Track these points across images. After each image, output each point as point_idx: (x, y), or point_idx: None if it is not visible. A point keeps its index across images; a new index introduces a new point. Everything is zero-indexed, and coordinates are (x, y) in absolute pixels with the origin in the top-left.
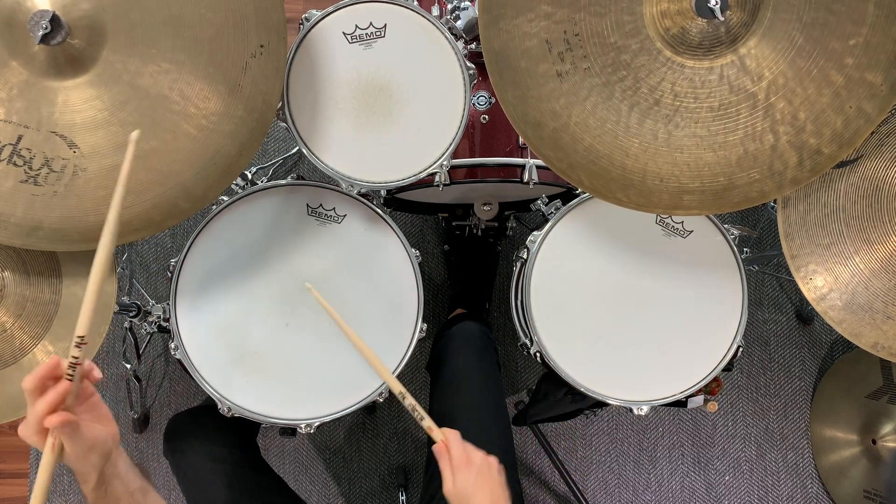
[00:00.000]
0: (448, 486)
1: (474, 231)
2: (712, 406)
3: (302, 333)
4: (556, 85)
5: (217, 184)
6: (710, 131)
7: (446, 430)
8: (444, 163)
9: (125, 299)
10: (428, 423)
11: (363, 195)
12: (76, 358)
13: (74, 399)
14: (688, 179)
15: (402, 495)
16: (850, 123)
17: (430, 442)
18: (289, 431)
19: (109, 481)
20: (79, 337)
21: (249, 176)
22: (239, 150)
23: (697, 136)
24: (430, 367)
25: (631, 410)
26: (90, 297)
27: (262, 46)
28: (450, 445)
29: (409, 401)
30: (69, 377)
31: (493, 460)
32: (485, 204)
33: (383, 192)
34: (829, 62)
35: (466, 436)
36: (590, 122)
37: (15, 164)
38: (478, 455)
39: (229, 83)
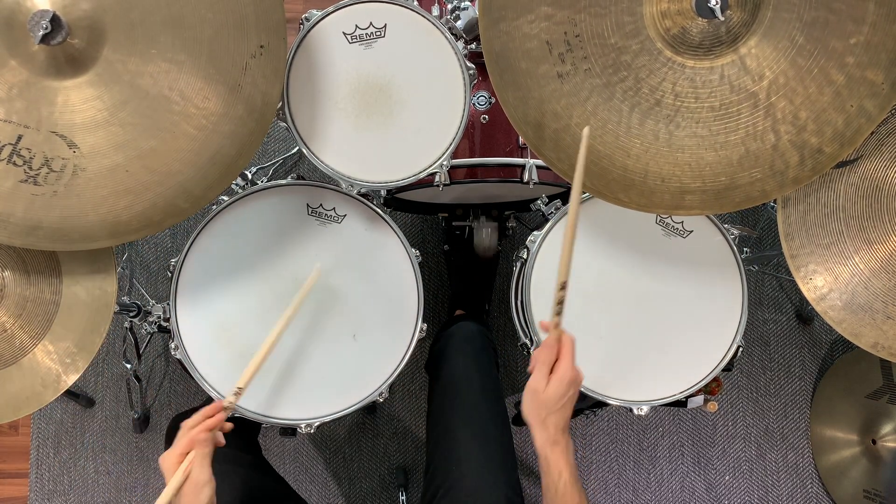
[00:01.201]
0: (538, 385)
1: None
2: (712, 406)
3: (302, 333)
4: (556, 86)
5: (217, 184)
6: (711, 131)
7: (567, 335)
8: (444, 163)
9: (125, 299)
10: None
11: (363, 195)
12: (231, 402)
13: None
14: (689, 179)
15: (402, 495)
16: (852, 122)
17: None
18: (289, 431)
19: None
20: (238, 388)
21: (249, 176)
22: (239, 150)
23: (698, 136)
24: (429, 367)
25: (631, 410)
26: (262, 354)
27: (262, 47)
28: (564, 349)
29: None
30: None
31: (578, 392)
32: (485, 230)
33: (383, 192)
34: (830, 61)
35: (466, 436)
36: (591, 122)
37: (15, 164)
38: (581, 377)
39: (229, 83)
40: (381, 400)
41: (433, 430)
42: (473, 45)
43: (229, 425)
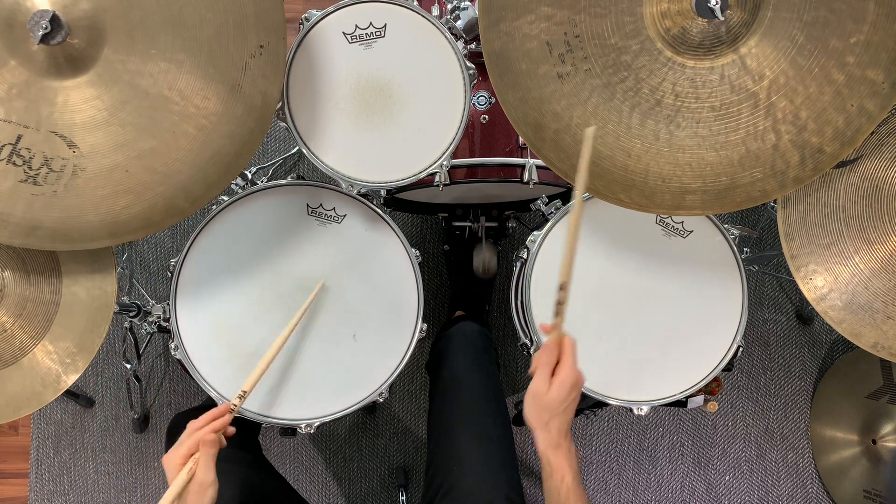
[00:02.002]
0: (540, 388)
1: (474, 231)
2: (712, 406)
3: (302, 333)
4: (557, 86)
5: (217, 184)
6: (711, 131)
7: (568, 337)
8: (444, 163)
9: (125, 299)
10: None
11: (363, 195)
12: (235, 406)
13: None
14: (690, 179)
15: (402, 495)
16: (852, 122)
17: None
18: (289, 431)
19: None
20: (243, 391)
21: (249, 176)
22: (238, 150)
23: (699, 136)
24: (429, 367)
25: (631, 410)
26: (267, 359)
27: (261, 47)
28: (566, 352)
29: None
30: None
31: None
32: (484, 259)
33: (383, 192)
34: (830, 60)
35: (466, 436)
36: (591, 123)
37: (14, 164)
38: (582, 379)
39: (229, 83)
40: (381, 400)
41: (434, 430)
42: (473, 45)
43: (233, 429)
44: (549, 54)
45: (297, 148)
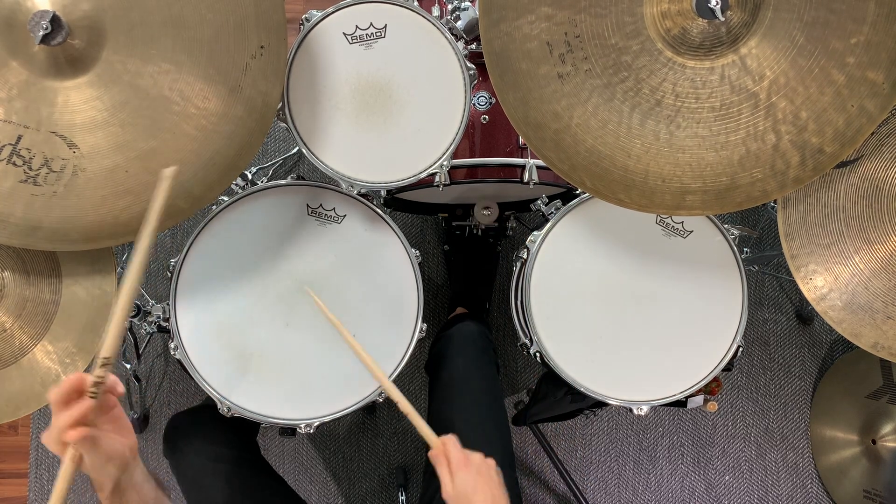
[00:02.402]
0: (447, 490)
1: (474, 231)
2: (712, 406)
3: (302, 333)
4: (557, 87)
5: (217, 184)
6: (711, 131)
7: (444, 436)
8: (444, 163)
9: None
10: (425, 429)
11: (363, 195)
12: (101, 377)
13: (97, 412)
14: (690, 179)
15: (402, 495)
16: (852, 122)
17: (428, 448)
18: (289, 431)
19: (125, 491)
20: (104, 358)
21: (249, 176)
22: (238, 150)
23: (699, 137)
24: (429, 367)
25: (631, 410)
26: (118, 319)
27: (262, 47)
28: (448, 449)
29: (405, 407)
30: (93, 395)
31: (491, 462)
32: (485, 208)
33: (383, 192)
34: (831, 61)
35: (466, 436)
36: (591, 123)
37: (14, 164)
38: (476, 456)
39: (229, 84)
40: (381, 400)
41: (433, 430)
42: (473, 46)
43: (113, 378)
44: (549, 54)
45: (297, 148)
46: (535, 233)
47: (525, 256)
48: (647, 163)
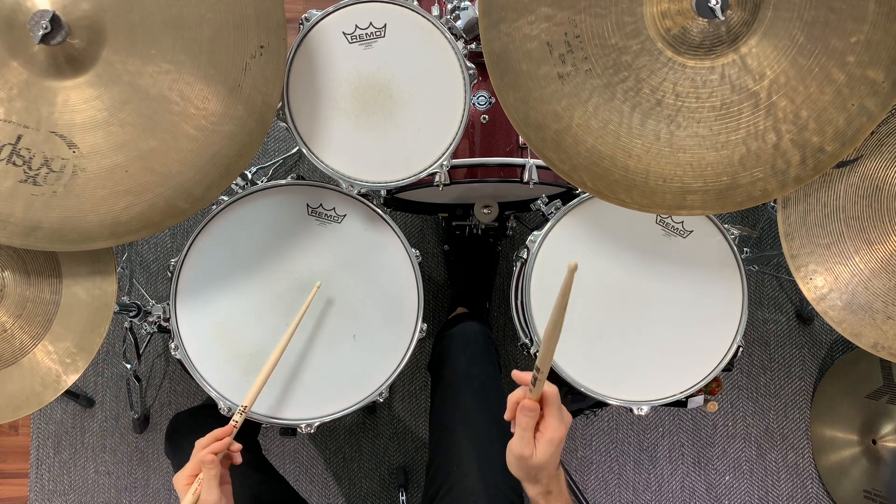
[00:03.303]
0: (525, 452)
1: (474, 231)
2: (712, 406)
3: (302, 334)
4: (557, 87)
5: (217, 184)
6: (712, 131)
7: (551, 388)
8: (444, 163)
9: (125, 299)
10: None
11: (363, 195)
12: (236, 421)
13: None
14: (691, 179)
15: (402, 495)
16: (853, 121)
17: (436, 431)
18: (289, 431)
19: None
20: (243, 406)
21: (249, 176)
22: (238, 150)
23: (700, 136)
24: (430, 367)
25: (631, 410)
26: (265, 374)
27: (261, 47)
28: (550, 407)
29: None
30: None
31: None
32: (485, 207)
33: (383, 192)
34: (831, 60)
35: (467, 435)
36: (592, 123)
37: (14, 164)
38: (569, 422)
39: (229, 84)
40: (381, 400)
41: (435, 430)
42: (473, 45)
43: (238, 446)
44: (549, 55)
45: (297, 148)
46: (535, 233)
47: (525, 256)
48: (648, 163)
